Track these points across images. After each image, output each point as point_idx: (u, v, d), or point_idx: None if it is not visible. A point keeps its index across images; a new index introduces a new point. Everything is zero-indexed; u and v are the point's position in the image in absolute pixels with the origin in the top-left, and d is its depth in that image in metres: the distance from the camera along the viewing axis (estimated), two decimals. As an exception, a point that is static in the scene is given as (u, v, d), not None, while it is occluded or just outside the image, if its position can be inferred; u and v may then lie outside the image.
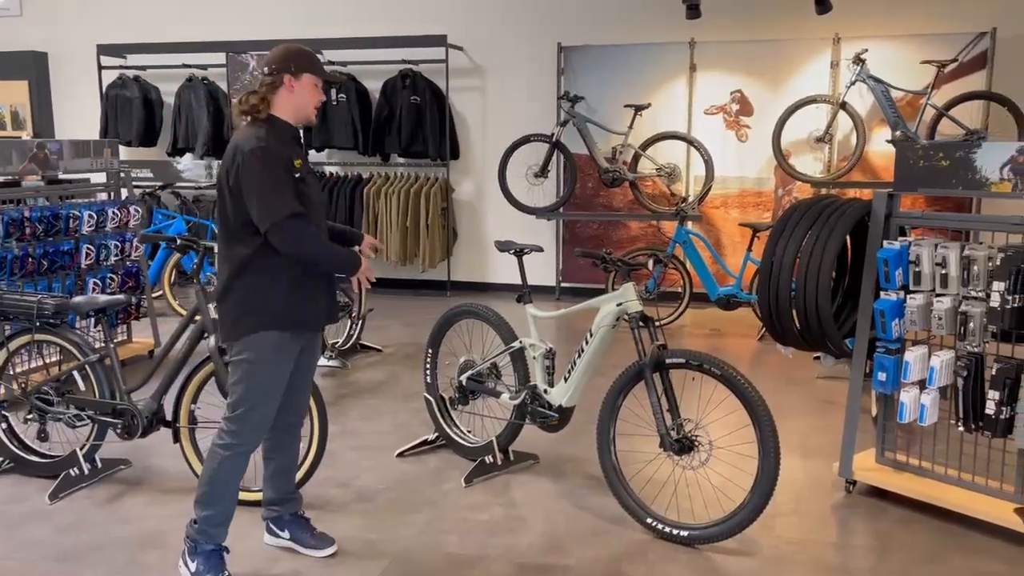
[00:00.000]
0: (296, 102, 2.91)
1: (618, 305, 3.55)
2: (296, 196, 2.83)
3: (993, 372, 3.31)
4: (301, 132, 3.05)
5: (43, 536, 3.43)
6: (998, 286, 3.20)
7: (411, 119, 8.29)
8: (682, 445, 3.33)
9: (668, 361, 3.36)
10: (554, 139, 7.57)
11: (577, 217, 8.19)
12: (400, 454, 4.26)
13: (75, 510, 3.66)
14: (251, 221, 2.81)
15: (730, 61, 7.69)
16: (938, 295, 3.43)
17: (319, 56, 2.98)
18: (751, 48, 7.61)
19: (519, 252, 4.06)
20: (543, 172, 7.67)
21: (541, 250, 4.20)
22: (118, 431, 3.80)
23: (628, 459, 3.57)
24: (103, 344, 3.94)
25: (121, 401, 3.81)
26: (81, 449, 3.89)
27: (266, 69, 2.89)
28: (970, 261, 3.33)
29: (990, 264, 3.28)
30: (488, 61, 8.47)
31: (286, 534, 3.28)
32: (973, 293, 3.34)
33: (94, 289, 5.51)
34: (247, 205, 2.79)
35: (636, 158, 7.59)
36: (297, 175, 2.86)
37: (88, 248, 5.46)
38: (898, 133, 6.86)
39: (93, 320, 5.23)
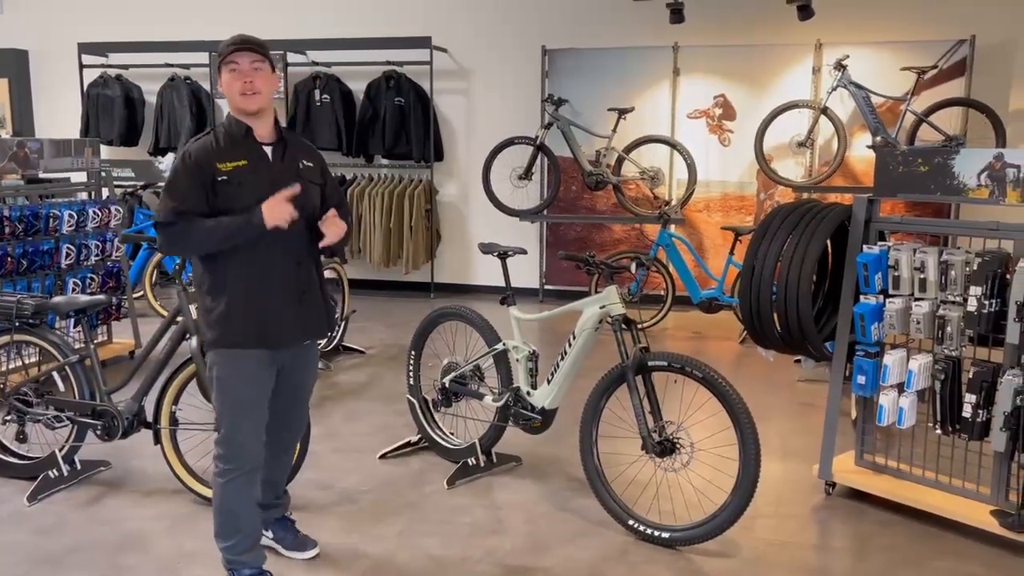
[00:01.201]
0: (227, 97, 2.78)
1: (601, 308, 3.57)
2: (207, 200, 2.71)
3: (970, 375, 3.36)
4: (249, 128, 2.81)
5: (21, 538, 3.39)
6: (975, 291, 3.25)
7: (395, 121, 8.29)
8: (664, 447, 3.34)
9: (650, 364, 3.38)
10: (538, 142, 7.59)
11: (561, 220, 8.21)
12: (383, 456, 4.25)
13: (54, 512, 3.62)
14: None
15: (713, 66, 7.74)
16: (917, 299, 3.48)
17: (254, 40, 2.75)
18: (734, 53, 7.66)
19: (503, 254, 4.07)
20: (527, 175, 7.69)
21: (525, 252, 4.21)
22: (98, 432, 3.77)
23: (610, 461, 3.59)
24: (83, 345, 3.91)
25: (101, 402, 3.79)
26: (60, 450, 3.86)
27: None
28: (948, 266, 3.37)
29: (967, 269, 3.32)
30: (473, 63, 8.48)
31: (269, 534, 3.26)
32: (951, 297, 3.38)
33: (74, 289, 5.47)
34: None
35: (619, 161, 7.62)
36: (222, 178, 2.71)
37: (68, 248, 5.41)
38: (878, 139, 6.93)
39: (73, 320, 5.20)
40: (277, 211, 2.70)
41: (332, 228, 2.85)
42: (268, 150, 2.83)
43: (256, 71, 2.73)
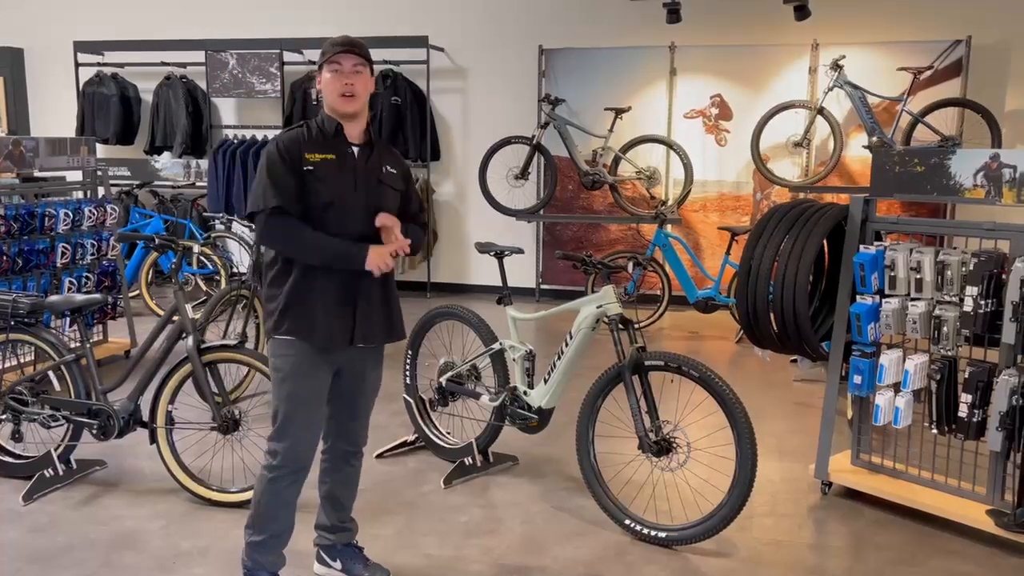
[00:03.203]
0: (325, 95, 2.81)
1: (598, 307, 3.57)
2: (298, 190, 2.71)
3: (966, 375, 3.36)
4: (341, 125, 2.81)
5: (16, 537, 3.38)
6: (971, 291, 3.26)
7: (392, 120, 8.28)
8: (660, 447, 3.35)
9: (647, 363, 3.38)
10: (535, 141, 7.59)
11: (557, 219, 8.21)
12: (379, 455, 4.25)
13: (49, 511, 3.61)
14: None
15: (710, 66, 7.75)
16: (913, 299, 3.48)
17: (344, 39, 2.78)
18: (731, 53, 7.67)
19: (500, 254, 4.07)
20: (523, 174, 7.69)
21: (522, 252, 4.21)
22: (94, 432, 3.76)
23: (607, 461, 3.59)
24: (79, 344, 3.90)
25: (97, 401, 3.78)
26: (56, 450, 3.85)
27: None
28: (944, 266, 3.38)
29: (963, 269, 3.33)
30: (469, 63, 8.47)
31: (337, 564, 3.10)
32: (947, 298, 3.39)
33: (70, 288, 5.45)
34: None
35: (616, 161, 7.62)
36: (308, 167, 2.72)
37: (64, 247, 5.40)
38: (875, 139, 6.94)
39: (69, 320, 5.19)
40: (381, 259, 2.73)
41: (387, 237, 2.80)
42: (355, 150, 2.84)
43: (357, 74, 2.76)
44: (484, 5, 8.34)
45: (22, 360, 4.24)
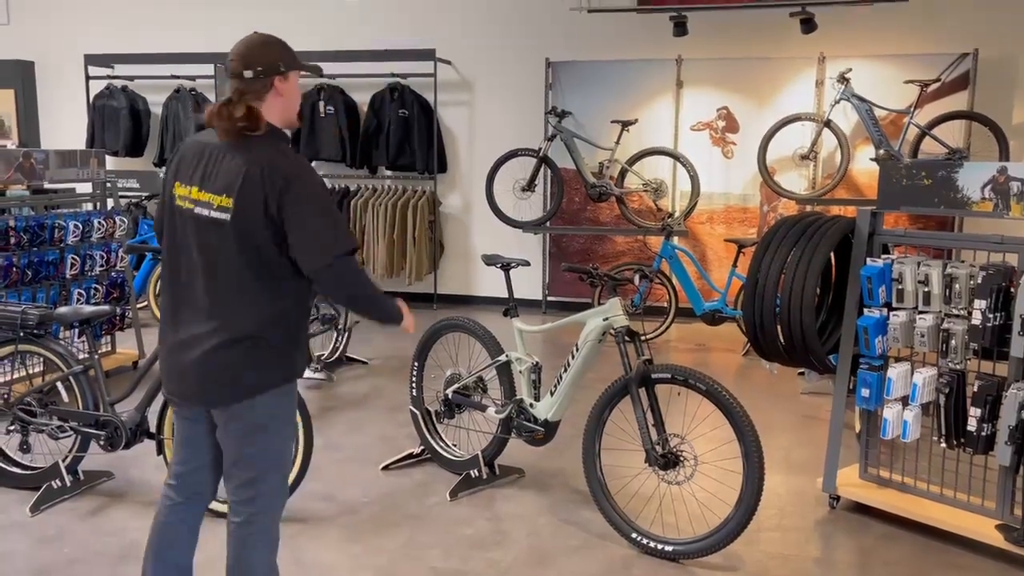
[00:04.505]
0: (285, 106, 2.45)
1: (604, 320, 3.57)
2: None
3: (975, 389, 3.35)
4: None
5: (23, 548, 3.39)
6: (980, 304, 3.24)
7: (399, 132, 8.31)
8: (667, 460, 3.34)
9: (654, 376, 3.37)
10: (541, 154, 7.61)
11: (564, 231, 8.21)
12: (385, 467, 4.25)
13: (56, 523, 3.62)
14: (284, 249, 2.34)
15: (716, 78, 7.76)
16: (920, 312, 3.47)
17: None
18: (737, 66, 7.68)
19: (506, 266, 4.08)
20: (530, 186, 7.70)
21: (528, 264, 4.22)
22: (101, 443, 3.77)
23: (613, 473, 3.58)
24: (87, 355, 3.92)
25: (105, 412, 3.79)
26: (64, 461, 3.86)
27: (249, 73, 2.38)
28: (952, 279, 3.37)
29: (972, 282, 3.32)
30: (476, 75, 8.50)
31: None
32: (955, 311, 3.37)
33: (79, 299, 5.48)
34: (296, 237, 2.32)
35: (623, 173, 7.63)
36: None
37: (73, 258, 5.43)
38: (882, 151, 6.93)
39: (77, 331, 5.21)
40: (412, 322, 2.70)
41: None
42: None
43: None
44: (491, 18, 8.38)
45: (31, 371, 4.26)
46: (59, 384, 4.01)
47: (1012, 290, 3.21)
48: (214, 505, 3.65)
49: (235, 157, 2.35)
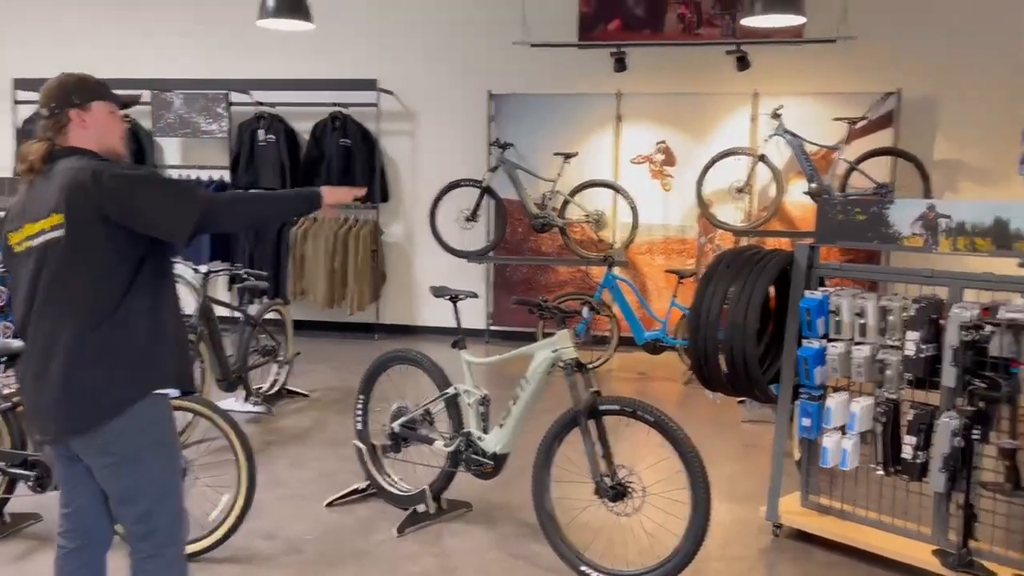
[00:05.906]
0: (99, 135, 2.46)
1: (554, 351, 3.59)
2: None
3: (909, 418, 3.46)
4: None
5: (-56, 598, 3.21)
6: (912, 335, 3.36)
7: (341, 161, 8.26)
8: (616, 492, 3.35)
9: (602, 408, 3.40)
10: (484, 184, 7.65)
11: (507, 261, 8.25)
12: (329, 504, 4.17)
13: (-20, 569, 3.45)
14: (127, 254, 2.34)
15: (655, 113, 7.94)
16: (857, 343, 3.58)
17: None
18: (675, 101, 7.88)
19: (455, 298, 4.07)
20: (473, 216, 7.73)
21: (476, 296, 4.23)
22: (30, 484, 3.61)
23: (562, 506, 3.58)
24: (14, 391, 3.76)
25: (34, 452, 3.63)
26: (-12, 503, 3.68)
27: (45, 111, 2.41)
28: (886, 311, 3.49)
29: (905, 315, 3.44)
30: (419, 106, 8.53)
31: None
32: (890, 342, 3.49)
33: (4, 333, 5.25)
34: (141, 224, 2.34)
35: (565, 204, 7.72)
36: None
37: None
38: (813, 185, 7.17)
39: (3, 366, 4.99)
40: (333, 194, 2.70)
41: None
42: None
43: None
44: (434, 50, 8.43)
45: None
46: (-15, 422, 3.83)
47: (941, 322, 3.34)
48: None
49: (49, 181, 2.38)
